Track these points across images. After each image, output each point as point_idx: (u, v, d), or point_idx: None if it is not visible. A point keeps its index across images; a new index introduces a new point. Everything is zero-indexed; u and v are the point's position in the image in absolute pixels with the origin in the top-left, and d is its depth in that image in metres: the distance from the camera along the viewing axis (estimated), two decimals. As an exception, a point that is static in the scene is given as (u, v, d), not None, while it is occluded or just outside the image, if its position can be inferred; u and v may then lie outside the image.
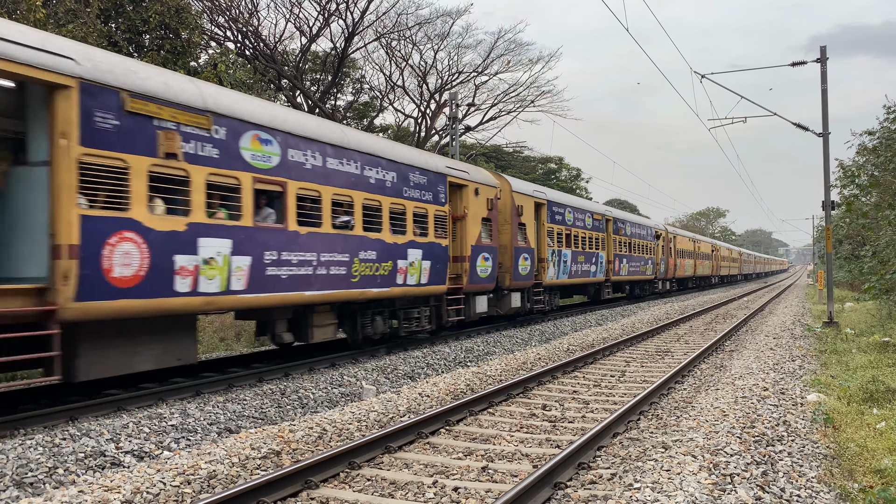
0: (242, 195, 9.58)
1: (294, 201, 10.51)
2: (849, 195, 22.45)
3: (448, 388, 10.08)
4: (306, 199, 10.90)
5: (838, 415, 8.18)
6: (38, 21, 14.83)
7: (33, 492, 6.00)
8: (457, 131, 26.71)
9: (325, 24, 30.44)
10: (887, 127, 19.60)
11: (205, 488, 5.82)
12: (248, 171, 9.69)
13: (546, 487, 5.71)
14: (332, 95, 34.55)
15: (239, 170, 9.55)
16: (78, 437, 7.17)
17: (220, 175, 9.26)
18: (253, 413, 8.90)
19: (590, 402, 9.60)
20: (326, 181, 11.24)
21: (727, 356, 13.91)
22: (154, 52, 18.14)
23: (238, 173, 9.53)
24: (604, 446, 7.10)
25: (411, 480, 6.11)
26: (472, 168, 17.02)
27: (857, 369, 11.40)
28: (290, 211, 10.44)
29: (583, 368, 12.50)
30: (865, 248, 20.63)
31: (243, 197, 9.60)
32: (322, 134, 11.38)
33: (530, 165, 50.82)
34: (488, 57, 36.17)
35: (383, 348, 13.85)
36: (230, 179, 9.43)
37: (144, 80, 8.41)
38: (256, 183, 9.82)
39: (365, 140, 12.75)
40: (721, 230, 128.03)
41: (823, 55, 20.55)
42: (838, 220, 26.61)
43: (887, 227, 16.75)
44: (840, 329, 18.33)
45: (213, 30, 28.08)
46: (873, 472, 6.08)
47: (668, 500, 5.04)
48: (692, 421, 7.65)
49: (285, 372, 11.24)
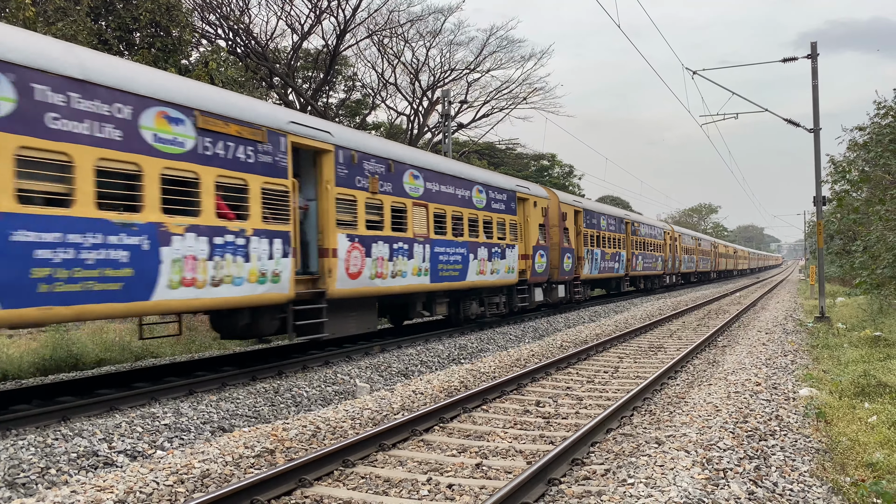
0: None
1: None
2: (840, 190, 22.55)
3: (442, 386, 10.09)
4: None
5: (830, 409, 8.22)
6: (28, 20, 14.72)
7: (25, 492, 5.97)
8: (449, 129, 26.70)
9: (316, 22, 30.37)
10: (878, 123, 19.69)
11: (198, 487, 5.81)
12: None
13: (540, 483, 5.72)
14: (324, 93, 34.48)
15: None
16: (70, 436, 7.14)
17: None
18: (246, 412, 8.88)
19: (583, 398, 9.63)
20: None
21: (720, 351, 13.97)
22: (145, 50, 18.06)
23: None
24: (597, 442, 7.12)
25: (405, 478, 6.11)
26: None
27: (849, 364, 11.46)
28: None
29: (576, 365, 12.53)
30: (856, 244, 20.75)
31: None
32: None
33: (523, 162, 50.84)
34: (480, 54, 36.19)
35: (377, 345, 13.87)
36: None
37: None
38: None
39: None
40: (713, 226, 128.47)
41: (814, 51, 20.60)
42: (830, 215, 26.72)
43: (878, 221, 16.84)
44: (832, 324, 18.42)
45: (203, 27, 27.97)
46: (865, 466, 6.11)
47: (661, 495, 5.06)
48: (685, 416, 7.68)
49: (279, 370, 11.22)
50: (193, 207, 8.90)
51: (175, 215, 8.63)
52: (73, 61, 7.64)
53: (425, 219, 14.35)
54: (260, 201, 9.91)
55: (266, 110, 10.56)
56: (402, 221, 13.52)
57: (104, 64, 8.11)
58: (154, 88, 8.50)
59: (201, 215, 8.97)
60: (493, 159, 45.34)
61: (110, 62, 8.34)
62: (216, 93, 9.82)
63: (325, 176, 11.63)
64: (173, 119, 8.67)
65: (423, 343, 14.89)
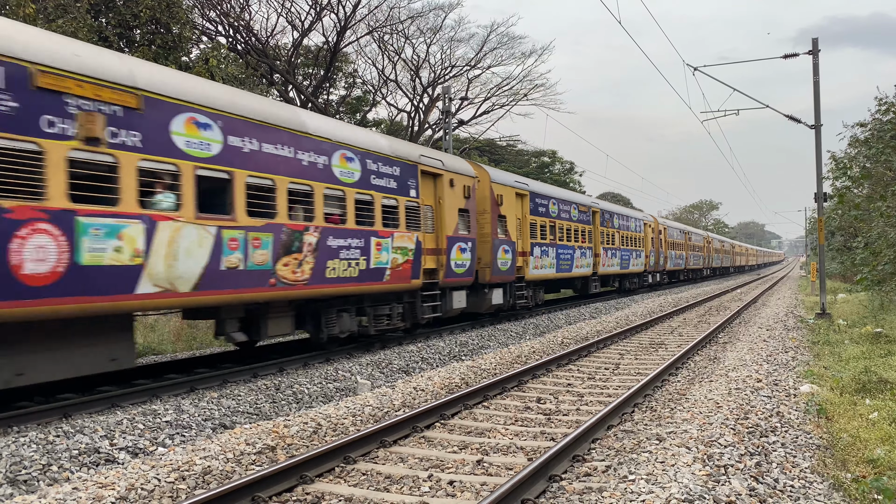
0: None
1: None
2: (841, 187, 22.52)
3: (443, 382, 10.09)
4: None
5: (831, 405, 8.22)
6: (28, 16, 14.70)
7: (27, 489, 5.98)
8: (450, 125, 26.67)
9: (317, 18, 30.34)
10: (879, 119, 19.67)
11: (199, 484, 5.81)
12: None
13: (541, 480, 5.72)
14: (324, 90, 34.44)
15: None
16: (72, 433, 7.15)
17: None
18: (247, 408, 8.89)
19: (584, 394, 9.63)
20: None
21: (721, 348, 13.97)
22: (145, 48, 18.04)
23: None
24: (598, 438, 7.12)
25: (406, 474, 6.11)
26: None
27: (850, 360, 11.46)
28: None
29: (577, 361, 12.53)
30: (857, 240, 20.74)
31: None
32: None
33: (524, 159, 50.83)
34: (481, 50, 36.14)
35: (378, 343, 13.85)
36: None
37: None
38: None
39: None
40: (714, 223, 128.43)
41: (815, 47, 20.57)
42: (831, 211, 26.71)
43: (879, 218, 16.83)
44: (833, 320, 18.42)
45: (204, 24, 27.94)
46: (866, 462, 6.11)
47: (662, 491, 5.06)
48: (686, 413, 7.68)
49: (280, 367, 11.23)
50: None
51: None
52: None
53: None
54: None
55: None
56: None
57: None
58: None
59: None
60: (493, 156, 45.32)
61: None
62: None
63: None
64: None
65: (424, 340, 14.89)
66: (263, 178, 10.34)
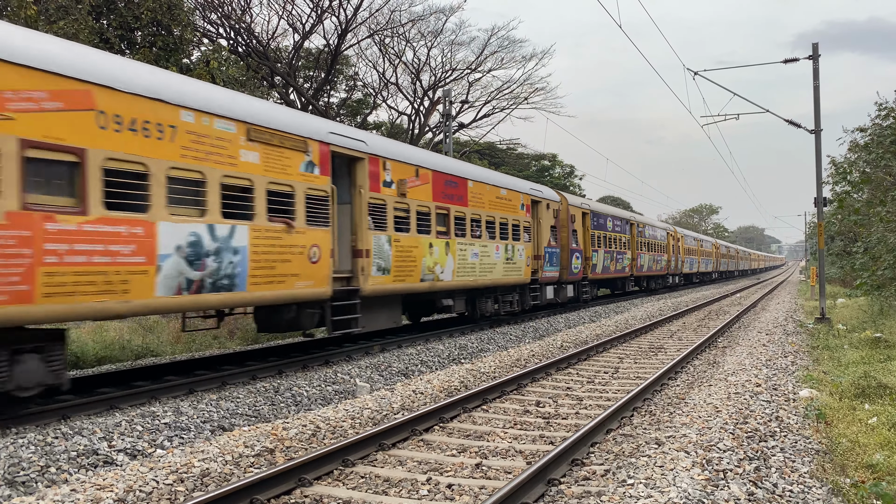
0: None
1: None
2: (841, 192, 22.53)
3: (442, 385, 10.09)
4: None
5: (830, 410, 8.22)
6: (29, 17, 14.72)
7: (25, 491, 5.97)
8: (450, 128, 26.69)
9: (318, 21, 30.38)
10: (879, 124, 19.68)
11: (198, 486, 5.81)
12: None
13: (540, 484, 5.72)
14: (325, 92, 34.48)
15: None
16: (70, 435, 7.14)
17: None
18: (246, 411, 8.88)
19: (583, 398, 9.62)
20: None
21: (720, 352, 13.96)
22: (146, 49, 18.06)
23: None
24: (597, 442, 7.12)
25: (405, 477, 6.11)
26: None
27: (849, 365, 11.45)
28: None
29: (576, 365, 12.52)
30: (857, 245, 20.75)
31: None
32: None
33: (524, 162, 50.81)
34: (482, 54, 36.18)
35: (377, 345, 13.87)
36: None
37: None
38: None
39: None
40: (714, 227, 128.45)
41: (815, 52, 20.56)
42: (830, 216, 26.70)
43: (879, 223, 16.84)
44: (832, 325, 18.41)
45: (205, 26, 27.97)
46: (865, 467, 6.11)
47: (661, 495, 5.05)
48: (685, 417, 7.68)
49: (279, 370, 11.22)
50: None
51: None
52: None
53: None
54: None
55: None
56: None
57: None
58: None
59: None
60: (493, 159, 45.31)
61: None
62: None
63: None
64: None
65: (424, 343, 14.89)
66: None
